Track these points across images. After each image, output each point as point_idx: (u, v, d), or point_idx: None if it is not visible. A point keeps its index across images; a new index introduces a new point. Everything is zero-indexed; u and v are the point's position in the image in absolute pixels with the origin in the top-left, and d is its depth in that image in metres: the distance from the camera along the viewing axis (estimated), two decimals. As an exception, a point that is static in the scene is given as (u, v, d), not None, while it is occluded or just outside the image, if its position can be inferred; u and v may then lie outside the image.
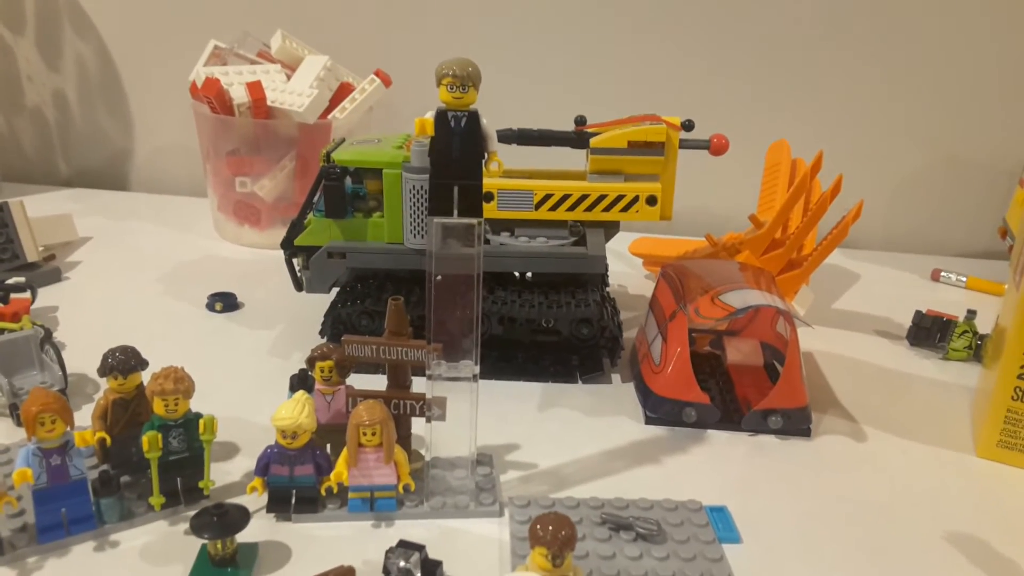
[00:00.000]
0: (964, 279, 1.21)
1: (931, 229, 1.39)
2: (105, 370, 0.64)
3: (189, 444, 0.64)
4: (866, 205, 1.03)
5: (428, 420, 0.67)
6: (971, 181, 1.36)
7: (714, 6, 1.30)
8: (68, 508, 0.61)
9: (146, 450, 0.61)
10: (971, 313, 0.97)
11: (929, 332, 0.99)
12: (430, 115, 0.59)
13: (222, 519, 0.58)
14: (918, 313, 1.00)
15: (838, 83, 1.33)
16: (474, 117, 0.59)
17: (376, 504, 0.65)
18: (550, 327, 0.87)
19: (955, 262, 1.29)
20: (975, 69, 1.30)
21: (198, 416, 0.63)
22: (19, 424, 0.76)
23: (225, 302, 1.01)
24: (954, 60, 1.30)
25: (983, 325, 0.97)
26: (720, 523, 0.67)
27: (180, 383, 0.62)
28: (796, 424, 0.80)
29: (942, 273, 1.22)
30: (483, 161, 0.60)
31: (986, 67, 1.30)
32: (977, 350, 0.97)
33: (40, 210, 1.14)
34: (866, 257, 1.32)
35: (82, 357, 0.83)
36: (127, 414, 0.65)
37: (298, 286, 0.90)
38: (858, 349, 1.00)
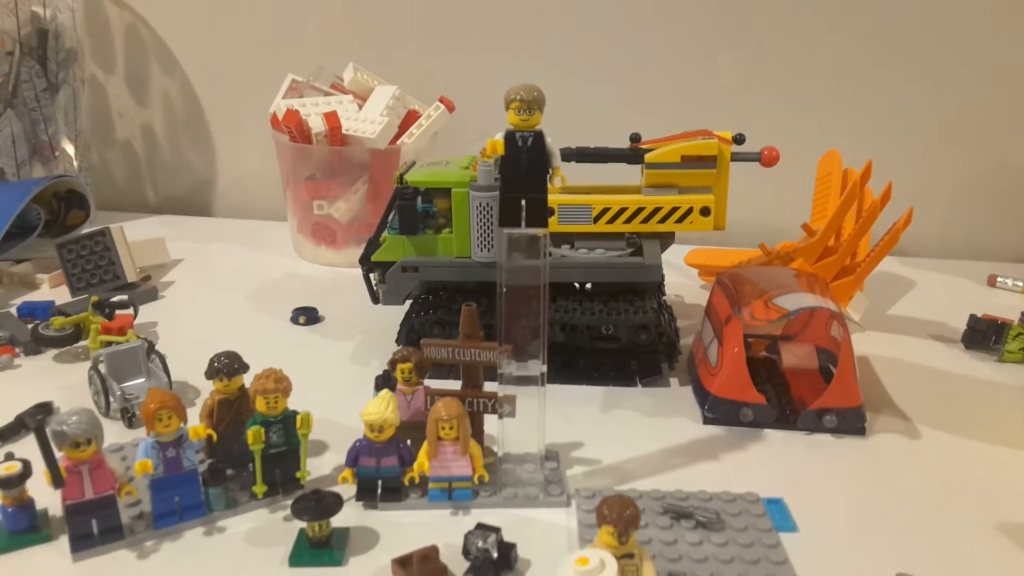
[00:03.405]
0: (1021, 284, 1.22)
1: (987, 235, 1.40)
2: (212, 373, 0.72)
3: (287, 439, 0.70)
4: (921, 213, 1.06)
5: (500, 417, 0.72)
6: (1027, 187, 1.37)
7: (763, 26, 1.35)
8: (181, 496, 0.68)
9: (250, 443, 0.68)
10: (1025, 315, 0.99)
11: (984, 335, 1.01)
12: (499, 136, 0.65)
13: (319, 503, 0.64)
14: (973, 316, 1.02)
15: (889, 93, 1.35)
16: (539, 136, 0.65)
17: (454, 494, 0.71)
18: (610, 334, 0.92)
19: (1012, 268, 1.29)
20: (1027, 76, 1.31)
21: (295, 413, 0.70)
22: (130, 426, 0.84)
23: (308, 315, 1.08)
24: (1004, 65, 1.31)
25: (1039, 327, 0.98)
26: (777, 513, 0.70)
27: (280, 383, 0.69)
28: (851, 423, 0.83)
29: (998, 279, 1.24)
30: (548, 176, 0.66)
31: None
32: (1033, 352, 0.98)
33: (133, 236, 1.23)
34: (922, 264, 1.33)
35: (181, 367, 0.91)
36: (231, 413, 0.72)
37: (375, 299, 0.97)
38: (913, 353, 1.02)
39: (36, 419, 0.65)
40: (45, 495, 0.67)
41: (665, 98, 1.40)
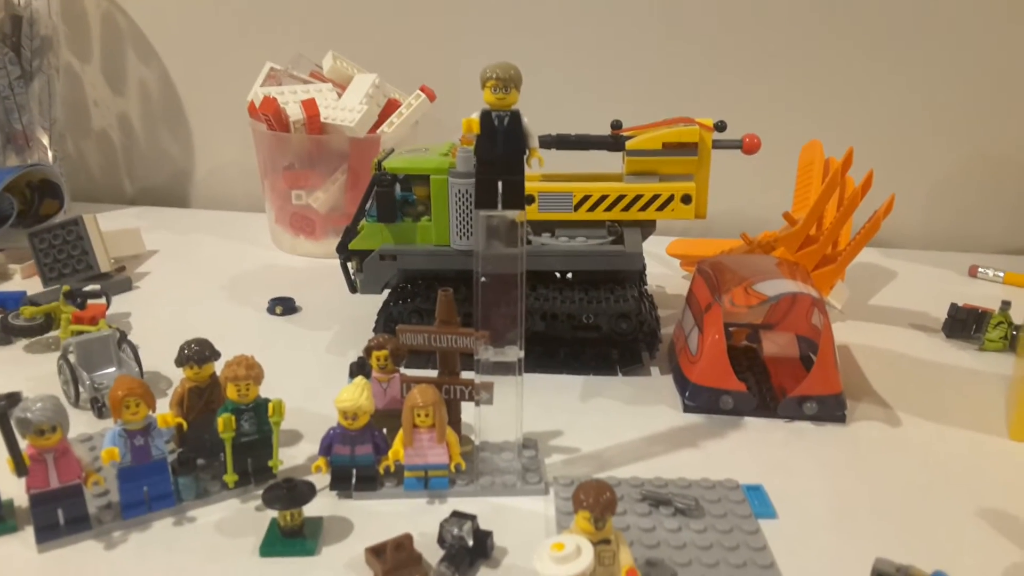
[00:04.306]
0: (1002, 274, 1.22)
1: (968, 226, 1.40)
2: (182, 360, 0.70)
3: (259, 427, 0.69)
4: (903, 204, 1.06)
5: (477, 404, 0.71)
6: (1008, 177, 1.37)
7: (744, 12, 1.34)
8: (149, 486, 0.66)
9: (221, 431, 0.67)
10: (1006, 304, 0.99)
11: (965, 324, 1.01)
12: (476, 115, 0.64)
13: (291, 492, 0.63)
14: (953, 306, 1.02)
15: (872, 83, 1.35)
16: (516, 116, 0.64)
17: (430, 482, 0.70)
18: (590, 323, 0.91)
19: (993, 259, 1.30)
20: (1009, 65, 1.31)
21: (267, 400, 0.69)
22: (100, 416, 0.83)
23: (284, 306, 1.07)
24: (988, 56, 1.31)
25: (1018, 316, 0.98)
26: (756, 500, 0.70)
27: (251, 369, 0.67)
28: (831, 410, 0.83)
29: (979, 269, 1.24)
30: (525, 157, 0.65)
31: (1020, 62, 1.31)
32: (1013, 340, 0.98)
33: (108, 227, 1.20)
34: (904, 255, 1.33)
35: (154, 357, 0.90)
36: (201, 401, 0.71)
37: (352, 288, 0.95)
38: (894, 342, 1.02)
39: None
40: (10, 485, 0.65)
41: (647, 85, 1.39)
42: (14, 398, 0.82)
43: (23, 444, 0.62)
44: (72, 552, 0.64)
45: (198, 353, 0.70)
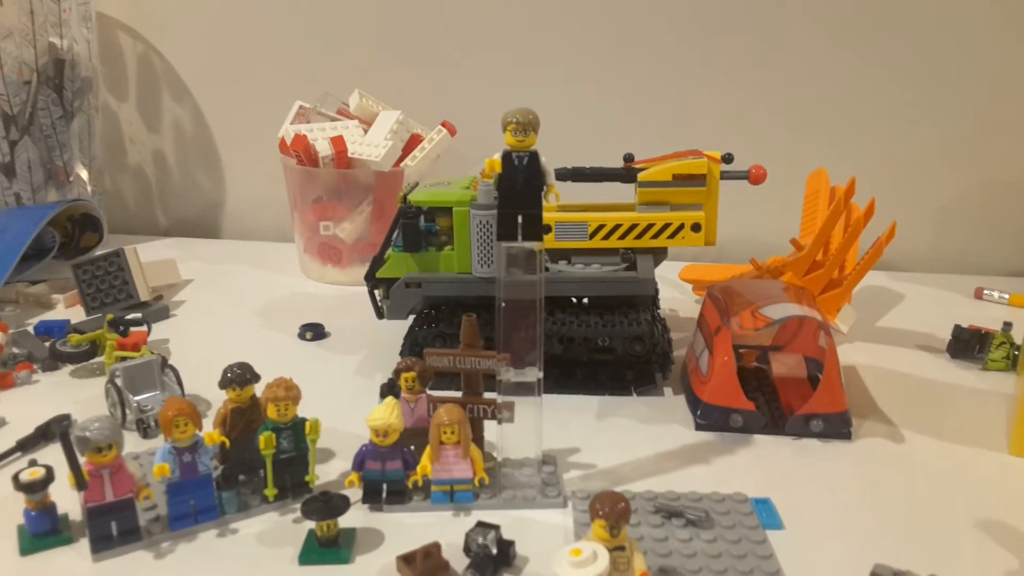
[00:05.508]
0: (1007, 296, 1.25)
1: (975, 250, 1.43)
2: (225, 383, 0.75)
3: (296, 444, 0.74)
4: (911, 228, 1.10)
5: (499, 422, 0.76)
6: (1013, 201, 1.40)
7: (752, 49, 1.39)
8: (196, 500, 0.71)
9: (262, 448, 0.72)
10: (1007, 325, 1.03)
11: (968, 344, 1.04)
12: (497, 156, 0.69)
13: (328, 504, 0.68)
14: (957, 327, 1.05)
15: (878, 112, 1.39)
16: (534, 156, 0.69)
17: (456, 496, 0.74)
18: (606, 345, 0.95)
19: (1000, 281, 1.33)
20: (1013, 89, 1.35)
21: (304, 420, 0.74)
22: (145, 436, 0.88)
23: (314, 331, 1.12)
24: (992, 81, 1.35)
25: (1020, 337, 1.01)
26: (764, 512, 0.74)
27: (290, 391, 0.72)
28: (837, 428, 0.87)
29: (985, 291, 1.27)
30: (543, 193, 0.70)
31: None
32: (1014, 360, 1.01)
33: (144, 257, 1.26)
34: (911, 279, 1.37)
35: (193, 380, 0.94)
36: (243, 421, 0.75)
37: (379, 314, 1.00)
38: (900, 362, 1.05)
39: (61, 425, 0.68)
40: (65, 500, 0.71)
41: (657, 120, 1.45)
42: (68, 420, 0.88)
43: (81, 460, 0.67)
44: (124, 562, 0.68)
45: (240, 376, 0.75)
